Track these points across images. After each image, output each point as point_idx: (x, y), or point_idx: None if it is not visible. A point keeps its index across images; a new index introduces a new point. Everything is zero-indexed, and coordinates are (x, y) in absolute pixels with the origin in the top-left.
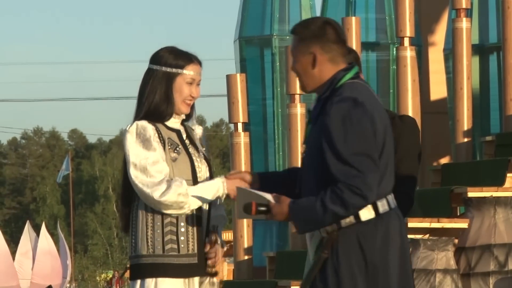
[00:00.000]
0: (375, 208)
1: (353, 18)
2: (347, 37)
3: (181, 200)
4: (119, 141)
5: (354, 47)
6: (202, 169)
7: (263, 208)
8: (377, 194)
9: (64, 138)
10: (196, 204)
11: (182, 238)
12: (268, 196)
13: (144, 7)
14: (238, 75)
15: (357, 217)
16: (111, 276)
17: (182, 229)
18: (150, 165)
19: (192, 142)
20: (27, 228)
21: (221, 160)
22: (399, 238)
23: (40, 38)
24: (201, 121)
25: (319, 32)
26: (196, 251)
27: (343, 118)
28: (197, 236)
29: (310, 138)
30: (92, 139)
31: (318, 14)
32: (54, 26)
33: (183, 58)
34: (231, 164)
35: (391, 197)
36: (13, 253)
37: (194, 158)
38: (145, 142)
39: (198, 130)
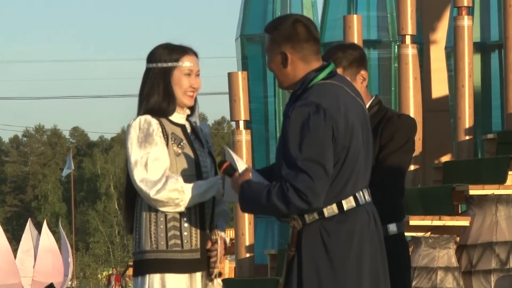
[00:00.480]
0: (339, 206)
1: (355, 16)
2: (349, 35)
3: (176, 197)
4: (120, 139)
5: None
6: (207, 164)
7: (230, 172)
8: (344, 194)
9: (66, 135)
10: (191, 202)
11: (185, 233)
12: (242, 167)
13: (147, 5)
14: (239, 73)
15: (320, 213)
16: (110, 272)
17: (186, 225)
18: (150, 160)
19: (197, 137)
20: (29, 226)
21: (222, 158)
22: (367, 234)
23: (41, 36)
24: (203, 119)
25: (290, 31)
26: (199, 246)
27: (302, 123)
28: (201, 232)
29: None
30: (93, 137)
31: (319, 12)
32: (55, 24)
33: (177, 51)
34: None
35: (360, 194)
36: (15, 251)
37: (198, 153)
38: (147, 136)
39: (203, 127)
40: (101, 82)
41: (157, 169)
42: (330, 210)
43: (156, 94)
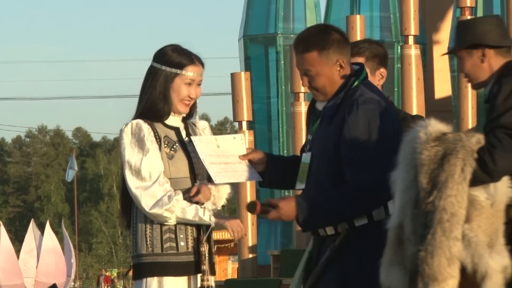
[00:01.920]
0: (386, 209)
1: (358, 16)
2: (352, 36)
3: (166, 216)
4: None
5: None
6: (202, 166)
7: (267, 210)
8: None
9: (69, 136)
10: (179, 222)
11: (181, 236)
12: (207, 157)
13: (149, 5)
14: (242, 73)
15: (369, 216)
16: (100, 273)
17: (181, 228)
18: (143, 166)
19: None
20: (32, 227)
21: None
22: None
23: (44, 36)
24: (205, 119)
25: (331, 37)
26: (196, 249)
27: (369, 119)
28: (197, 235)
29: (321, 136)
30: (96, 138)
31: (322, 12)
32: (58, 25)
33: (185, 58)
34: None
35: None
36: (18, 251)
37: (192, 155)
38: (139, 141)
39: (202, 125)
40: (103, 82)
41: (151, 174)
42: (378, 214)
43: (155, 93)
